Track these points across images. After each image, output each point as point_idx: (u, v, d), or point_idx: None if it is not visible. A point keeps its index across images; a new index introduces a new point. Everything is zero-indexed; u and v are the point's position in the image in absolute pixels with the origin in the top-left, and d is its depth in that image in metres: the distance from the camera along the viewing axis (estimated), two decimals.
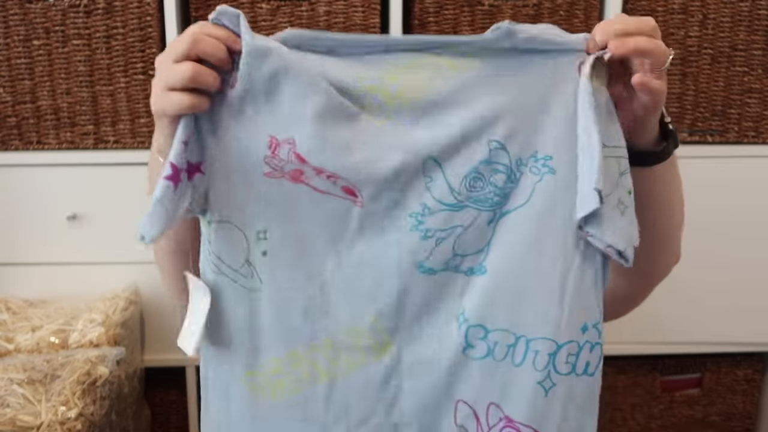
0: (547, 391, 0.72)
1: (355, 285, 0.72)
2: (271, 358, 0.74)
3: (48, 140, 1.54)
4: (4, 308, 1.49)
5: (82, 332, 1.39)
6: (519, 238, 0.71)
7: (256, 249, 0.72)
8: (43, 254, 1.57)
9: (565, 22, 1.52)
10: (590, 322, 0.71)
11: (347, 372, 0.74)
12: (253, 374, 0.74)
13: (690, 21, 1.55)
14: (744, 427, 1.83)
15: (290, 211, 0.71)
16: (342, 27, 1.51)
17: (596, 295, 0.71)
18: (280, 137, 0.69)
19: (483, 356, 0.73)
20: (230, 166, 0.70)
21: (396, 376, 0.74)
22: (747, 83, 1.59)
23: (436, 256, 0.72)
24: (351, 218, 0.71)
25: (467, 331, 0.72)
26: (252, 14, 1.50)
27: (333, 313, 0.73)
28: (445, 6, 1.51)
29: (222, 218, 0.71)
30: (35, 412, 1.16)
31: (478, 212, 0.71)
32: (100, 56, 1.50)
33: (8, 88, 1.51)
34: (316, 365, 0.74)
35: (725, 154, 1.58)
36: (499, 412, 0.74)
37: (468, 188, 0.71)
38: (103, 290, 1.55)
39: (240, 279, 0.72)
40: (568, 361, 0.72)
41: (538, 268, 0.71)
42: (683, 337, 1.70)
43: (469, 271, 0.72)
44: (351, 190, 0.70)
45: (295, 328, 0.73)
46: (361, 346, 0.73)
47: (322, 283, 0.73)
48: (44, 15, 1.47)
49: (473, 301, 0.72)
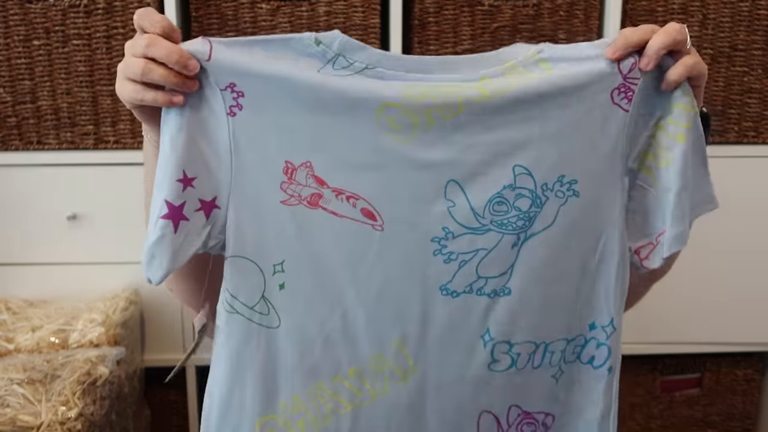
0: (557, 380, 0.76)
1: (376, 312, 0.71)
2: (291, 397, 0.72)
3: (48, 140, 1.54)
4: (4, 308, 1.49)
5: (82, 332, 1.39)
6: (543, 260, 0.72)
7: (273, 283, 0.70)
8: (44, 254, 1.57)
9: (565, 23, 1.52)
10: (599, 322, 0.74)
11: (372, 399, 0.73)
12: (269, 418, 0.72)
13: (690, 21, 1.55)
14: (744, 427, 1.83)
15: (308, 239, 0.69)
16: (342, 27, 1.51)
17: (606, 301, 0.74)
18: (296, 161, 0.68)
19: (506, 368, 0.74)
20: (245, 197, 0.68)
21: (420, 398, 0.73)
22: (747, 83, 1.59)
23: (458, 278, 0.71)
24: (371, 243, 0.70)
25: (493, 348, 0.73)
26: (252, 14, 1.50)
27: (356, 342, 0.72)
28: (445, 6, 1.51)
29: (236, 253, 0.69)
30: (35, 412, 1.16)
31: (501, 235, 0.71)
32: (100, 56, 1.50)
33: (8, 88, 1.51)
34: (339, 397, 0.73)
35: (725, 154, 1.59)
36: (519, 410, 0.76)
37: (492, 212, 0.70)
38: (103, 290, 1.55)
39: (255, 317, 0.71)
40: (574, 352, 0.76)
41: (559, 286, 0.73)
42: (683, 337, 1.70)
43: (493, 293, 0.72)
44: (371, 213, 0.69)
45: (318, 361, 0.71)
46: (386, 372, 0.72)
47: (343, 312, 0.71)
48: (44, 15, 1.47)
49: (498, 321, 0.73)
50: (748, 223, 1.64)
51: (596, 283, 0.74)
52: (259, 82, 0.66)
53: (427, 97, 0.68)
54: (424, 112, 0.68)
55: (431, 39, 1.53)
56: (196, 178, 0.67)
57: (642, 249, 0.75)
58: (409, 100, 0.68)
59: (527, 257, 0.72)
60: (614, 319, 0.74)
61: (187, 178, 0.66)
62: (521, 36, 1.54)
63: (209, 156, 0.68)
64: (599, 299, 0.74)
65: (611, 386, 0.76)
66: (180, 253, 0.67)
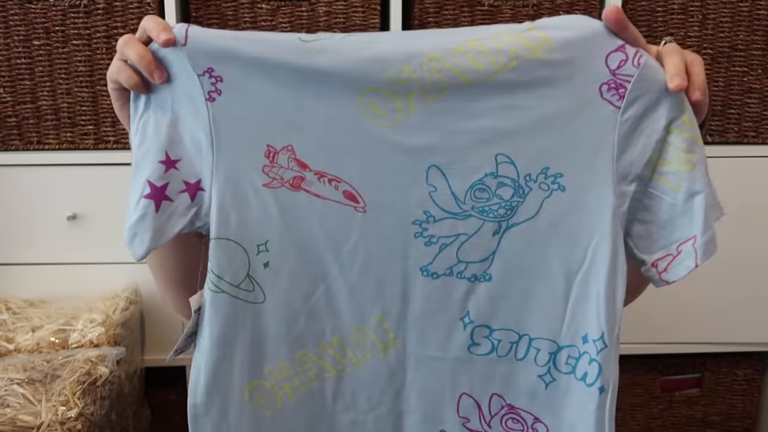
0: (547, 385, 0.75)
1: (359, 289, 0.73)
2: (277, 363, 0.74)
3: (48, 140, 1.54)
4: (4, 308, 1.49)
5: (82, 332, 1.39)
6: (526, 250, 0.72)
7: (258, 262, 0.71)
8: (44, 254, 1.57)
9: None
10: (591, 335, 0.72)
11: (354, 366, 0.75)
12: (257, 384, 0.74)
13: (690, 21, 1.55)
14: (744, 427, 1.83)
15: (291, 220, 0.71)
16: (342, 27, 1.51)
17: (597, 314, 0.72)
18: (278, 145, 0.69)
19: (487, 353, 0.75)
20: (227, 180, 0.69)
21: (401, 369, 0.75)
22: (747, 83, 1.59)
23: (439, 261, 0.72)
24: (353, 225, 0.71)
25: (473, 331, 0.74)
26: (252, 14, 1.50)
27: (339, 315, 0.74)
28: (445, 6, 1.51)
29: (220, 235, 0.70)
30: (35, 412, 1.16)
31: (482, 222, 0.71)
32: (100, 56, 1.50)
33: (8, 88, 1.51)
34: (324, 362, 0.75)
35: (725, 154, 1.59)
36: (501, 401, 0.76)
37: (473, 198, 0.71)
38: (103, 290, 1.55)
39: (241, 294, 0.72)
40: (568, 363, 0.74)
41: (543, 278, 0.73)
42: (683, 337, 1.70)
43: (473, 278, 0.73)
44: (353, 195, 0.70)
45: (302, 332, 0.74)
46: (367, 343, 0.74)
47: (326, 288, 0.73)
48: (44, 15, 1.47)
49: (478, 304, 0.74)
50: (748, 223, 1.64)
51: (584, 292, 0.72)
52: (237, 64, 0.67)
53: (411, 81, 0.68)
54: (407, 95, 0.68)
55: None
56: (180, 160, 0.69)
57: (659, 262, 0.72)
58: (392, 86, 0.68)
59: (509, 245, 0.72)
60: (605, 335, 0.71)
61: (170, 160, 0.68)
62: None
63: (191, 140, 0.69)
64: (589, 310, 0.72)
65: (604, 408, 0.72)
66: (162, 232, 0.69)
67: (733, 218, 1.61)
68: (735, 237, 1.62)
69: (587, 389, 0.73)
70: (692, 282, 0.82)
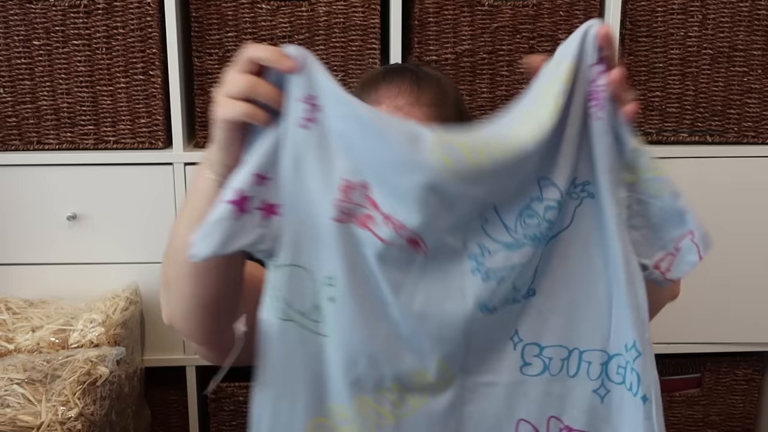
0: (602, 399, 0.75)
1: (420, 332, 0.72)
2: (338, 404, 0.73)
3: (48, 140, 1.54)
4: (4, 308, 1.49)
5: (82, 332, 1.39)
6: (565, 259, 0.72)
7: (324, 294, 0.71)
8: (44, 254, 1.57)
9: (565, 23, 1.52)
10: (627, 343, 0.72)
11: (413, 411, 0.74)
12: (321, 420, 0.73)
13: (690, 21, 1.55)
14: (744, 427, 1.83)
15: (356, 258, 0.70)
16: (342, 27, 1.51)
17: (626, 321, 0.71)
18: (354, 180, 0.69)
19: (539, 373, 0.74)
20: (304, 210, 0.69)
21: (458, 404, 0.74)
22: (747, 83, 1.59)
23: (497, 296, 0.71)
24: (413, 266, 0.70)
25: (523, 350, 0.74)
26: (252, 14, 1.50)
27: (399, 360, 0.72)
28: (445, 6, 1.51)
29: (293, 262, 0.70)
30: (35, 412, 1.16)
31: (535, 250, 0.71)
32: (100, 56, 1.50)
33: (8, 88, 1.51)
34: (382, 408, 0.74)
35: (725, 154, 1.58)
36: (559, 423, 0.75)
37: (523, 226, 0.70)
38: (103, 290, 1.55)
39: (309, 324, 0.71)
40: (618, 372, 0.74)
41: (585, 285, 0.73)
42: (683, 337, 1.70)
43: (522, 298, 0.73)
44: (415, 240, 0.69)
45: (362, 376, 0.72)
46: (427, 385, 0.73)
47: (387, 332, 0.72)
48: (44, 15, 1.48)
49: (525, 321, 0.73)
50: (747, 223, 1.64)
51: (614, 299, 0.72)
52: (336, 102, 0.67)
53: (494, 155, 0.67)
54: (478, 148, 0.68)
55: (431, 39, 1.53)
56: (270, 180, 0.68)
57: (661, 262, 0.73)
58: None
59: (549, 257, 0.72)
60: (636, 342, 0.71)
61: (262, 177, 0.68)
62: (521, 36, 1.54)
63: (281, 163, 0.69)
64: (621, 317, 0.72)
65: (651, 418, 0.71)
66: (231, 241, 0.68)
67: (734, 218, 1.63)
68: (735, 236, 1.62)
69: (634, 399, 0.72)
70: (692, 282, 0.81)
